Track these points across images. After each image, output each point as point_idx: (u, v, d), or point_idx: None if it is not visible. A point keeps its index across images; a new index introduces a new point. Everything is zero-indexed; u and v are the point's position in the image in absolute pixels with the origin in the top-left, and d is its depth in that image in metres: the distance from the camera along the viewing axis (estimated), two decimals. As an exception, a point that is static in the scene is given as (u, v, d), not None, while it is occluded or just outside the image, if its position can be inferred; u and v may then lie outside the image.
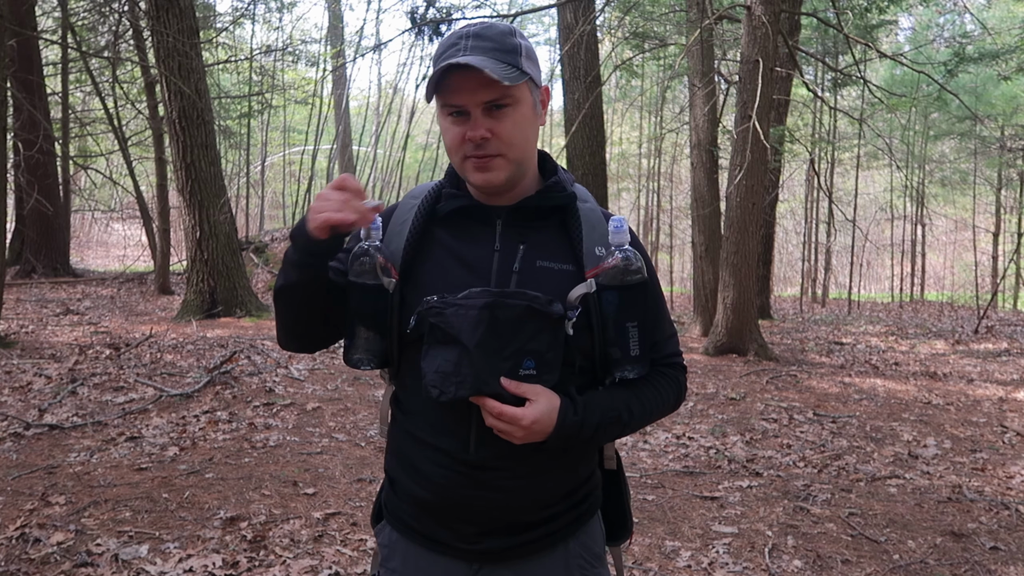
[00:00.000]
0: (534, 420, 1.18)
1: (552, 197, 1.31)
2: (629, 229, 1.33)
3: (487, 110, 1.22)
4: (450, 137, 1.25)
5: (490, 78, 1.17)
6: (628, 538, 1.45)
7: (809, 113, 17.22)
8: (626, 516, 1.44)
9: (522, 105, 1.25)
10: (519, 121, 1.24)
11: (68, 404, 5.29)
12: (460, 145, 1.24)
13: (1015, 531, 3.61)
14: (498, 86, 1.19)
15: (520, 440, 1.21)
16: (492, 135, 1.22)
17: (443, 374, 1.19)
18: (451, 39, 1.24)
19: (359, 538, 3.31)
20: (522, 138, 1.26)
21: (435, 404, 1.23)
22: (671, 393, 1.36)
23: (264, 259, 15.15)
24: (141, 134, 16.51)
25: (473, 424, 1.25)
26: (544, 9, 15.86)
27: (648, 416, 1.33)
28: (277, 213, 26.55)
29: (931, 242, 25.64)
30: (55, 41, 13.82)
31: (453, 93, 1.21)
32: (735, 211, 8.06)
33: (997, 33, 12.82)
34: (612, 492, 1.43)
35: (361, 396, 5.84)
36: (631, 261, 1.23)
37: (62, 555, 3.01)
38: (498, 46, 1.22)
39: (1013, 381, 7.51)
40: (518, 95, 1.23)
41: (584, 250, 1.28)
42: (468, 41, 1.22)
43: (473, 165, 1.25)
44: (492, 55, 1.20)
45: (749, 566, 3.18)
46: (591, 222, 1.31)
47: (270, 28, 20.36)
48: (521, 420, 1.18)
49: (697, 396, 6.35)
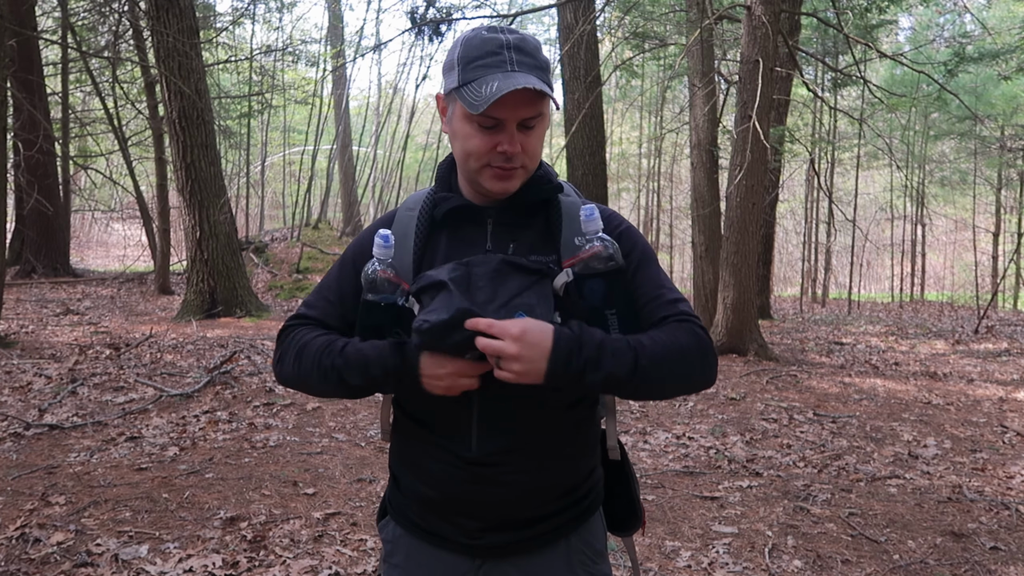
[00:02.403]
0: (523, 329, 1.12)
1: (539, 190, 1.32)
2: (614, 214, 1.33)
3: (520, 125, 1.23)
4: (476, 144, 1.24)
5: (536, 96, 1.20)
6: (640, 527, 1.46)
7: (809, 113, 17.23)
8: (635, 505, 1.44)
9: (545, 120, 1.27)
10: (541, 135, 1.28)
11: (68, 404, 5.29)
12: (487, 154, 1.24)
13: (1015, 531, 3.61)
14: (539, 105, 1.22)
15: (518, 372, 1.12)
16: (522, 150, 1.24)
17: (426, 311, 1.17)
18: (489, 45, 1.22)
19: (359, 538, 3.31)
20: (540, 150, 1.29)
21: (435, 403, 1.24)
22: (684, 336, 1.23)
23: (264, 259, 15.15)
24: (141, 134, 16.52)
25: (474, 421, 1.26)
26: (544, 9, 15.87)
27: (664, 354, 1.19)
28: (277, 213, 26.56)
29: (931, 242, 25.65)
30: (55, 41, 13.82)
31: (499, 107, 1.20)
32: (735, 211, 8.06)
33: (997, 33, 12.82)
34: (619, 482, 1.44)
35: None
36: (606, 248, 1.24)
37: (62, 555, 3.01)
38: (537, 63, 1.23)
39: (1013, 381, 7.51)
40: (545, 110, 1.26)
41: (563, 241, 1.30)
42: (512, 54, 1.21)
43: (494, 175, 1.25)
44: (536, 73, 1.22)
45: (749, 566, 3.18)
46: (571, 214, 1.32)
47: (270, 28, 20.37)
48: (510, 329, 1.11)
49: (697, 396, 6.35)
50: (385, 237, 1.22)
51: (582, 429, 1.35)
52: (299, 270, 14.33)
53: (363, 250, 1.32)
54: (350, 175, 20.34)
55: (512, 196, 1.30)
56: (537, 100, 1.21)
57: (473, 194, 1.33)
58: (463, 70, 1.22)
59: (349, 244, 1.41)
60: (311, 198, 18.62)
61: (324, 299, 1.36)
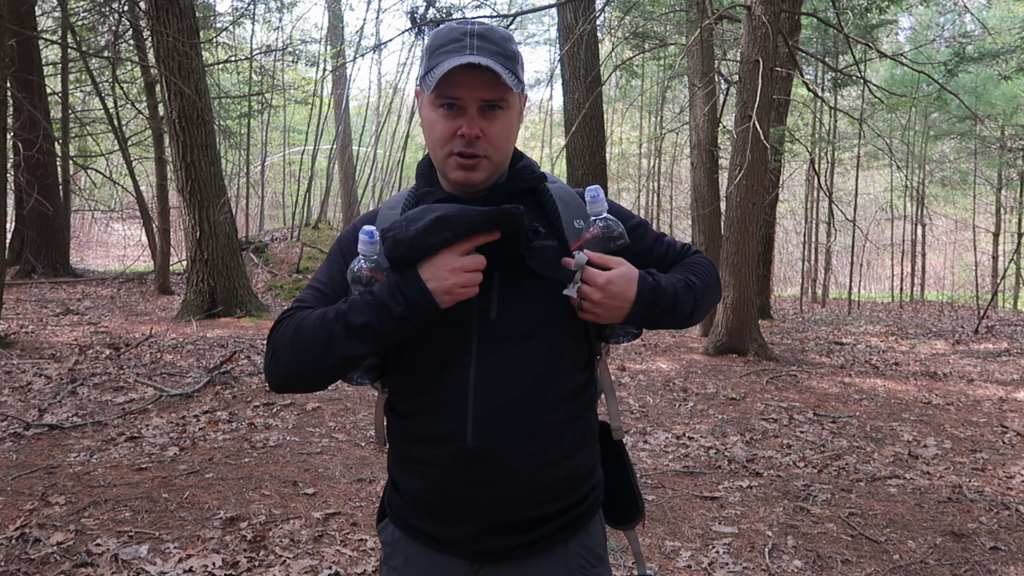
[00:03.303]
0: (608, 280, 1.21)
1: (522, 180, 1.33)
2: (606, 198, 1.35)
3: (481, 109, 1.24)
4: (440, 130, 1.25)
5: (493, 79, 1.20)
6: (640, 520, 1.45)
7: (809, 113, 17.23)
8: (635, 497, 1.44)
9: (512, 111, 1.27)
10: (507, 125, 1.27)
11: (68, 404, 5.29)
12: (449, 139, 1.25)
13: (1015, 531, 3.61)
14: (499, 88, 1.22)
15: (600, 315, 1.23)
16: (483, 135, 1.24)
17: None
18: (453, 34, 1.25)
19: (359, 538, 3.31)
20: (507, 142, 1.28)
21: (431, 395, 1.24)
22: (707, 265, 1.40)
23: (264, 259, 15.16)
24: (141, 134, 16.52)
25: (470, 411, 1.24)
26: (544, 9, 15.86)
27: (708, 284, 1.37)
28: (277, 213, 26.56)
29: (931, 242, 25.66)
30: (55, 41, 13.82)
31: (455, 86, 1.22)
32: (735, 211, 8.06)
33: (997, 33, 12.82)
34: (619, 475, 1.44)
35: (361, 396, 5.84)
36: (612, 228, 1.25)
37: (62, 555, 3.01)
38: (501, 51, 1.24)
39: (1013, 381, 7.51)
40: (511, 100, 1.26)
41: (564, 225, 1.30)
42: (474, 40, 1.23)
43: (457, 163, 1.25)
44: (497, 59, 1.22)
45: (749, 566, 3.18)
46: (563, 198, 1.33)
47: (270, 28, 20.37)
48: (596, 278, 1.21)
49: (697, 396, 6.35)
50: (370, 233, 1.21)
51: (581, 420, 1.34)
52: (299, 270, 14.33)
53: (350, 246, 1.32)
54: (350, 175, 20.34)
55: (495, 187, 1.30)
56: (496, 84, 1.21)
57: (454, 189, 1.32)
58: (428, 58, 1.25)
59: (335, 242, 1.39)
60: (311, 198, 18.62)
61: (316, 292, 1.33)
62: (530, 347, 1.26)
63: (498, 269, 1.23)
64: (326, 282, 1.33)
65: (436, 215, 1.17)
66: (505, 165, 1.32)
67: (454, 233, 1.17)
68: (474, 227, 1.17)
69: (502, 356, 1.25)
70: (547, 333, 1.27)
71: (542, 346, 1.26)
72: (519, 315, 1.26)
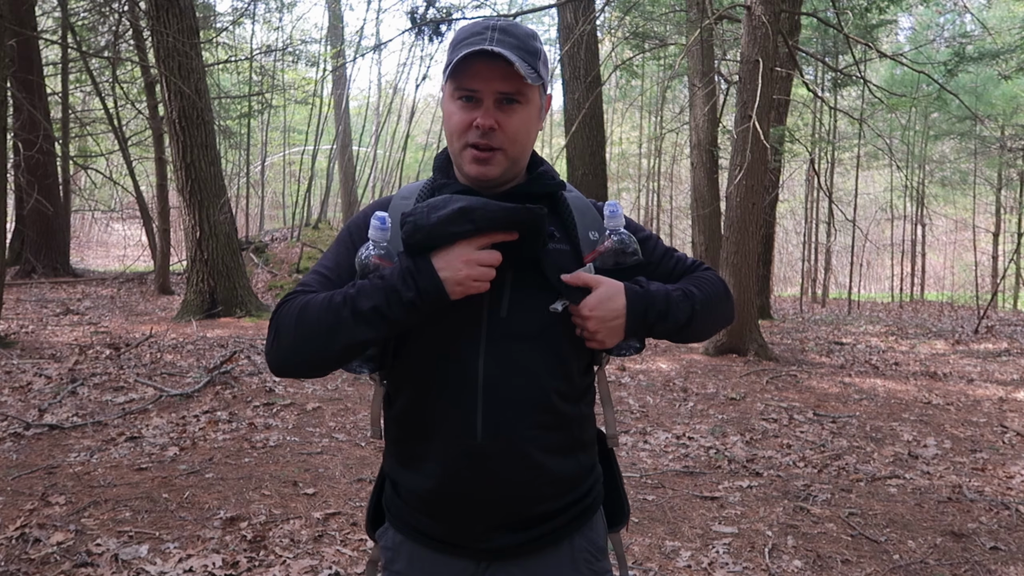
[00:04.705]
0: (594, 305, 1.22)
1: (543, 184, 1.33)
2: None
3: (499, 102, 1.24)
4: (456, 121, 1.25)
5: (511, 71, 1.20)
6: (625, 523, 1.46)
7: (809, 113, 17.23)
8: (622, 500, 1.45)
9: (531, 106, 1.27)
10: (525, 120, 1.26)
11: (68, 404, 5.29)
12: (465, 131, 1.25)
13: (1015, 531, 3.61)
14: (517, 81, 1.22)
15: (602, 340, 1.24)
16: (499, 127, 1.23)
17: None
18: (476, 28, 1.25)
19: (359, 538, 3.31)
20: (525, 137, 1.27)
21: (438, 389, 1.24)
22: (713, 280, 1.39)
23: (264, 259, 15.15)
24: (141, 134, 16.51)
25: (479, 407, 1.24)
26: (544, 9, 15.86)
27: (707, 299, 1.34)
28: (277, 213, 26.54)
29: (931, 242, 25.65)
30: (55, 41, 13.82)
31: (472, 77, 1.22)
32: (735, 211, 8.06)
33: (997, 33, 12.82)
34: (608, 480, 1.44)
35: (361, 396, 5.83)
36: (626, 243, 1.27)
37: (62, 555, 3.01)
38: (523, 46, 1.24)
39: (1013, 381, 7.51)
40: (530, 95, 1.26)
41: (579, 235, 1.31)
42: (495, 34, 1.24)
43: (472, 156, 1.25)
44: (518, 53, 1.22)
45: (749, 566, 3.18)
46: (580, 208, 1.34)
47: (270, 28, 20.34)
48: (580, 310, 1.23)
49: (697, 396, 6.35)
50: (382, 219, 1.20)
51: (585, 419, 1.35)
52: (299, 270, 14.32)
53: (360, 232, 1.30)
54: (350, 175, 20.33)
55: (517, 187, 1.30)
56: (513, 77, 1.21)
57: (469, 183, 1.31)
58: (451, 52, 1.26)
59: (344, 225, 1.38)
60: (311, 198, 18.61)
61: (320, 276, 1.31)
62: (537, 347, 1.26)
63: (512, 268, 1.23)
64: (332, 267, 1.31)
65: (460, 205, 1.17)
66: (522, 163, 1.31)
67: (476, 226, 1.17)
68: (496, 223, 1.17)
69: (510, 354, 1.25)
70: (552, 335, 1.27)
71: (548, 347, 1.27)
72: (527, 315, 1.26)
